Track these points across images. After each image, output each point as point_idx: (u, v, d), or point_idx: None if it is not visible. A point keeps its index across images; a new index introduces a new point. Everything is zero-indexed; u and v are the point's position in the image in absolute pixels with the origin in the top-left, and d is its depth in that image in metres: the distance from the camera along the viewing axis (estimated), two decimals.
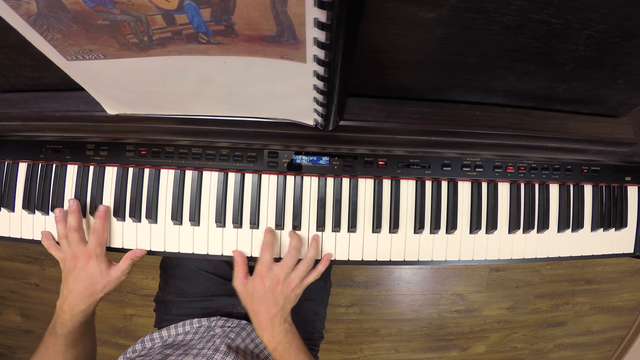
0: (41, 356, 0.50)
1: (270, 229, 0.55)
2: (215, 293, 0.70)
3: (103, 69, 0.33)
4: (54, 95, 0.42)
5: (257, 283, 0.50)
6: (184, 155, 0.53)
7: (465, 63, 0.34)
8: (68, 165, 0.57)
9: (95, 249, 0.52)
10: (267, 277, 0.50)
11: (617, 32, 0.31)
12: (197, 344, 0.54)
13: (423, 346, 1.44)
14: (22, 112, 0.42)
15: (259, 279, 0.50)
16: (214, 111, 0.37)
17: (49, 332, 0.51)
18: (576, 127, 0.39)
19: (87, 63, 0.33)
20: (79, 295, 0.50)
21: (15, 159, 0.58)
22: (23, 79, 0.41)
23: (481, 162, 0.55)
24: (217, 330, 0.59)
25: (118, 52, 0.31)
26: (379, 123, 0.36)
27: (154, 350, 0.52)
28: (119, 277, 0.53)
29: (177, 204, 0.55)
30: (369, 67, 0.35)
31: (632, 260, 1.44)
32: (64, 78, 0.38)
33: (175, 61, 0.32)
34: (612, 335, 1.52)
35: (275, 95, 0.33)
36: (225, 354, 0.50)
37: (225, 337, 0.55)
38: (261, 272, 0.50)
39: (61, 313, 0.50)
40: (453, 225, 0.57)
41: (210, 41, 0.29)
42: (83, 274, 0.50)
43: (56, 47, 0.30)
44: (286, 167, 0.53)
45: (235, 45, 0.30)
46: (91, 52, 0.31)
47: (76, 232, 0.52)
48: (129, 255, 0.54)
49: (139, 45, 0.30)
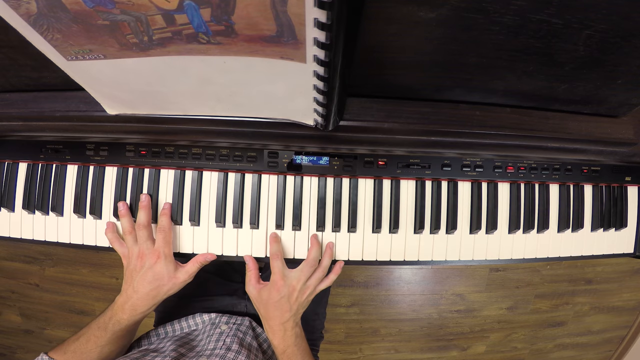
0: (79, 346, 0.47)
1: (274, 236, 0.54)
2: (216, 293, 0.70)
3: (103, 69, 0.33)
4: (54, 95, 0.42)
5: (273, 291, 0.50)
6: (184, 155, 0.53)
7: (465, 63, 0.34)
8: (68, 165, 0.57)
9: (164, 249, 0.49)
10: (283, 285, 0.50)
11: (616, 32, 0.31)
12: (207, 344, 0.53)
13: (423, 346, 1.44)
14: (22, 112, 0.42)
15: (275, 288, 0.50)
16: (213, 111, 0.37)
17: (97, 326, 0.48)
18: (576, 127, 0.39)
19: (87, 63, 0.33)
20: (144, 297, 0.48)
21: (15, 159, 0.58)
22: (23, 79, 0.41)
23: (481, 162, 0.55)
24: (223, 327, 0.58)
25: (118, 52, 0.31)
26: (379, 123, 0.36)
27: (166, 347, 0.51)
28: (185, 280, 0.51)
29: (177, 204, 0.55)
30: (369, 67, 0.35)
31: (632, 260, 1.44)
32: (64, 78, 0.38)
33: (175, 61, 0.32)
34: (612, 335, 1.52)
35: (275, 95, 0.33)
36: (238, 352, 0.50)
37: (234, 336, 0.55)
38: (277, 281, 0.50)
39: (120, 311, 0.48)
40: (453, 225, 0.57)
41: (210, 41, 0.29)
42: (150, 275, 0.48)
43: (56, 47, 0.30)
44: (286, 167, 0.53)
45: (235, 46, 0.30)
46: (91, 52, 0.31)
47: (145, 229, 0.50)
48: (198, 259, 0.52)
49: (139, 45, 0.30)
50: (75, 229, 0.57)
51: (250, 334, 0.58)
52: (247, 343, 0.54)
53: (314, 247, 0.53)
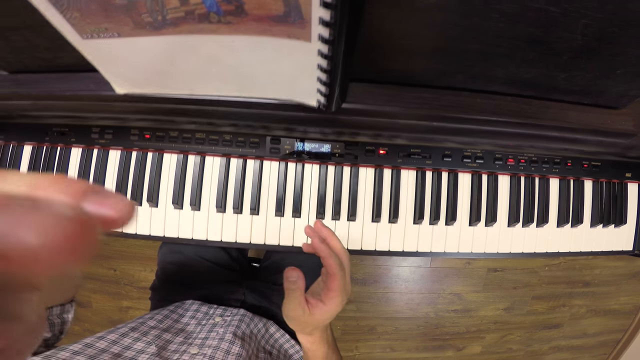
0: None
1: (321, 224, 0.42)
2: (213, 281, 0.70)
3: (116, 47, 0.34)
4: (64, 76, 0.43)
5: (333, 305, 0.38)
6: (187, 139, 0.54)
7: (466, 50, 0.35)
8: (72, 147, 0.58)
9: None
10: (344, 293, 0.38)
11: (613, 21, 0.32)
12: (199, 333, 0.52)
13: (419, 345, 1.44)
14: (32, 91, 0.43)
15: (337, 300, 0.38)
16: (219, 91, 0.38)
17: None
18: (576, 117, 0.40)
19: (101, 41, 0.33)
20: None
21: (20, 141, 0.59)
22: (36, 60, 0.41)
23: (482, 153, 0.56)
24: (217, 319, 0.58)
25: (132, 31, 0.32)
26: (381, 106, 0.37)
27: (147, 325, 0.49)
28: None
29: (179, 188, 0.55)
30: (371, 53, 0.36)
31: (630, 263, 1.45)
32: (76, 59, 0.39)
33: (185, 41, 0.33)
34: (608, 338, 1.52)
35: (280, 75, 0.34)
36: (232, 343, 0.49)
37: (228, 325, 0.54)
38: (340, 290, 0.37)
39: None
40: (453, 216, 0.58)
41: (220, 21, 0.30)
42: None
43: (74, 25, 0.31)
44: (288, 153, 0.54)
45: (244, 25, 0.30)
46: (106, 30, 0.32)
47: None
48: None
49: (153, 24, 0.31)
50: None
51: (245, 326, 0.58)
52: (242, 333, 0.54)
53: (332, 239, 0.40)
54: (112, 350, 0.42)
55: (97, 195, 0.12)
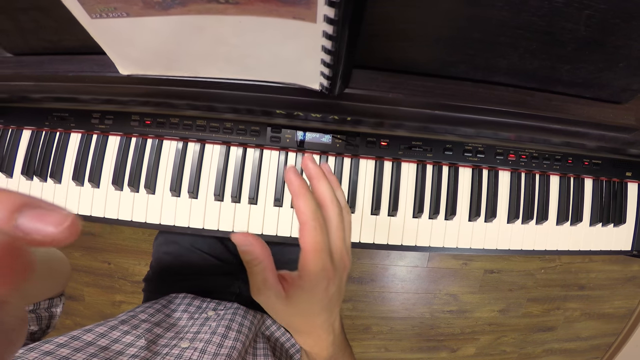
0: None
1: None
2: (208, 273, 0.69)
3: (124, 27, 0.33)
4: (69, 58, 0.43)
5: (318, 289, 0.28)
6: (188, 126, 0.54)
7: (470, 38, 0.35)
8: (72, 133, 0.57)
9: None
10: (333, 271, 0.29)
11: (616, 12, 0.32)
12: (191, 327, 0.51)
13: (413, 346, 1.44)
14: (36, 72, 0.43)
15: (323, 280, 0.28)
16: (222, 73, 0.38)
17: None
18: (578, 110, 0.40)
19: (109, 21, 0.33)
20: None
21: (20, 125, 0.58)
22: (42, 42, 0.41)
23: (483, 148, 0.56)
24: (209, 313, 0.57)
25: (141, 10, 0.32)
26: (384, 93, 0.37)
27: (138, 318, 0.48)
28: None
29: (177, 175, 0.55)
30: (374, 40, 0.36)
31: (626, 268, 1.46)
32: (82, 42, 0.39)
33: (193, 21, 0.33)
34: (601, 342, 1.53)
35: (284, 57, 0.34)
36: (224, 336, 0.47)
37: (221, 319, 0.53)
38: (323, 266, 0.27)
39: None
40: (452, 210, 0.58)
41: (228, 1, 0.30)
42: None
43: (83, 4, 0.31)
44: (288, 142, 0.54)
45: (251, 5, 0.31)
46: (115, 10, 0.32)
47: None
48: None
49: (162, 4, 0.31)
50: (71, 197, 0.57)
51: (239, 319, 0.57)
52: (235, 327, 0.52)
53: (321, 182, 0.28)
54: (99, 343, 0.40)
55: (34, 210, 0.11)
